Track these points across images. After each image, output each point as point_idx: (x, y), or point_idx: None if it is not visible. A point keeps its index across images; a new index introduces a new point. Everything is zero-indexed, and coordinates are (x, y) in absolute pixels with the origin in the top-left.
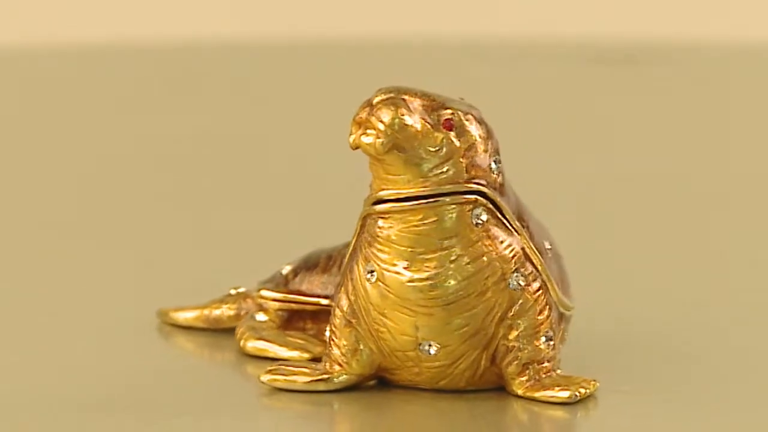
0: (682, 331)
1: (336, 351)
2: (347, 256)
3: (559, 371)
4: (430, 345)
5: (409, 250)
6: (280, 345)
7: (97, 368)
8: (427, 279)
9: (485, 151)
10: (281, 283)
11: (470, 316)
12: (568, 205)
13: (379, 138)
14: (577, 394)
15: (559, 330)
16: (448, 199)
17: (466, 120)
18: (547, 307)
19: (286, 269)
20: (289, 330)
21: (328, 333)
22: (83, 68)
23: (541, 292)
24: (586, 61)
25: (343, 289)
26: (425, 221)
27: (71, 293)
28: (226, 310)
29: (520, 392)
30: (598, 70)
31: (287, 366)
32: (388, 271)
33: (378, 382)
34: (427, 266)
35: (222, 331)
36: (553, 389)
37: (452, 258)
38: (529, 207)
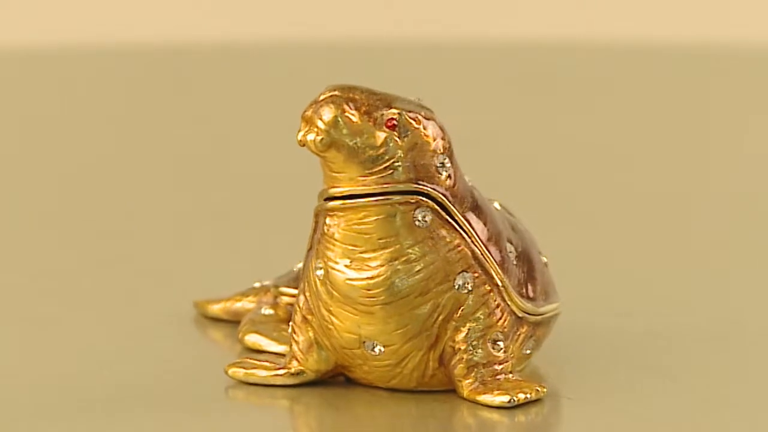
0: (655, 340)
1: (295, 346)
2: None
3: (511, 375)
4: (374, 344)
5: (351, 248)
6: (272, 339)
7: (122, 359)
8: (367, 278)
9: (432, 152)
10: (293, 278)
11: (412, 316)
12: (564, 204)
13: (318, 135)
14: (515, 399)
15: (515, 334)
16: (386, 198)
17: (412, 120)
18: (498, 310)
19: (299, 266)
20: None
21: (290, 329)
22: (88, 69)
23: (491, 295)
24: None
25: (301, 285)
26: (365, 220)
27: (109, 286)
28: (246, 303)
29: (465, 394)
30: (593, 70)
31: (251, 359)
32: (333, 268)
33: (346, 379)
34: (368, 265)
35: None
36: (493, 393)
37: (391, 258)
38: (514, 209)
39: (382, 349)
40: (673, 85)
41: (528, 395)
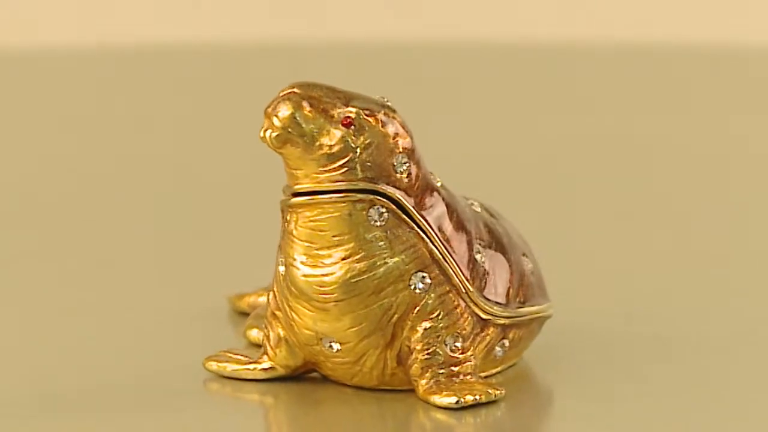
0: (653, 343)
1: (266, 342)
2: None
3: (470, 376)
4: (331, 341)
5: (307, 245)
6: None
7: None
8: (321, 275)
9: (389, 151)
10: None
11: (366, 314)
12: (563, 205)
13: (273, 132)
14: (462, 400)
15: (479, 336)
16: (340, 196)
17: (369, 119)
18: (457, 311)
19: None
20: None
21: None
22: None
23: (449, 296)
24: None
25: (271, 281)
26: (320, 217)
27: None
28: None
29: (419, 394)
30: (588, 70)
31: (227, 353)
32: (291, 265)
33: (323, 376)
34: (322, 262)
35: None
36: (442, 394)
37: (345, 255)
38: (510, 210)
39: (339, 346)
40: (673, 86)
41: (477, 397)
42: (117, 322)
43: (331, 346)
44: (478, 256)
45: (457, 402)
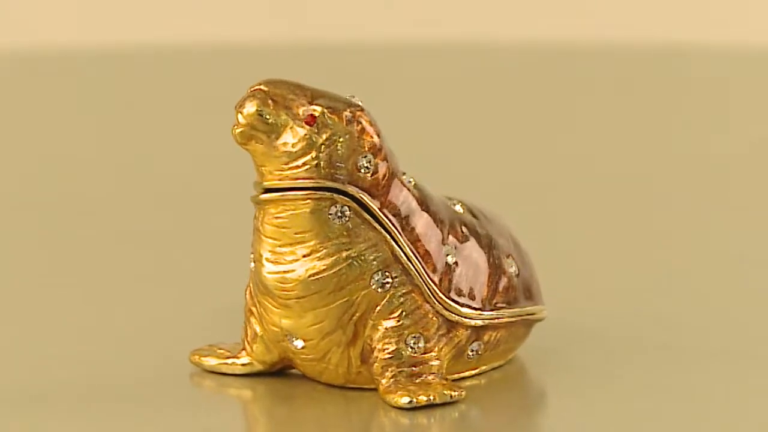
0: (649, 344)
1: (244, 337)
2: None
3: (432, 376)
4: (294, 338)
5: (271, 241)
6: None
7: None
8: (282, 272)
9: (353, 149)
10: None
11: (327, 312)
12: (561, 205)
13: (238, 128)
14: (415, 401)
15: (445, 336)
16: (302, 193)
17: (333, 117)
18: (419, 311)
19: None
20: None
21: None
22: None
23: (411, 295)
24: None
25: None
26: (283, 214)
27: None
28: None
29: (379, 393)
30: (583, 70)
31: (212, 347)
32: (258, 261)
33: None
34: (284, 259)
35: None
36: (396, 393)
37: (306, 252)
38: (504, 210)
39: (303, 343)
40: (671, 86)
41: (431, 398)
42: (117, 318)
43: (296, 343)
44: (448, 258)
45: (409, 402)
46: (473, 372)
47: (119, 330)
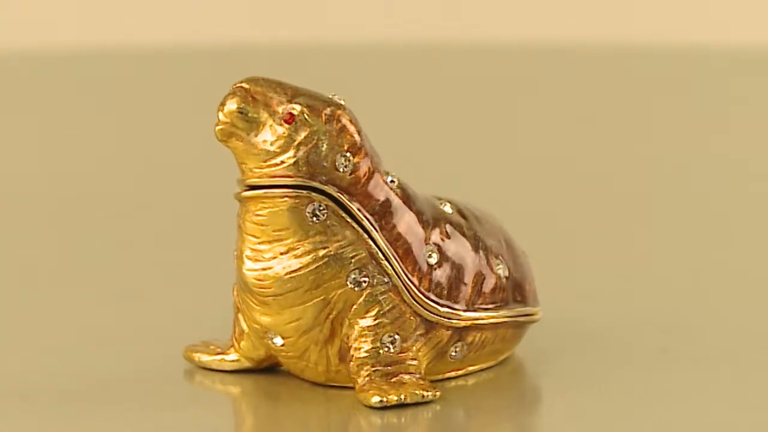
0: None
1: (233, 333)
2: None
3: (408, 376)
4: (274, 336)
5: (251, 238)
6: None
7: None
8: (260, 269)
9: (332, 148)
10: None
11: (303, 310)
12: (560, 205)
13: (218, 126)
14: (385, 400)
15: (424, 337)
16: (280, 191)
17: (312, 115)
18: (395, 311)
19: None
20: None
21: None
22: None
23: (388, 295)
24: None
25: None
26: (261, 212)
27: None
28: None
29: (355, 392)
30: (583, 71)
31: (206, 343)
32: (239, 258)
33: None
34: (263, 256)
35: None
36: (368, 392)
37: (283, 250)
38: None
39: (282, 341)
40: (671, 86)
41: (402, 397)
42: (115, 315)
43: (275, 341)
44: (430, 258)
45: (380, 401)
46: (459, 373)
47: (117, 327)
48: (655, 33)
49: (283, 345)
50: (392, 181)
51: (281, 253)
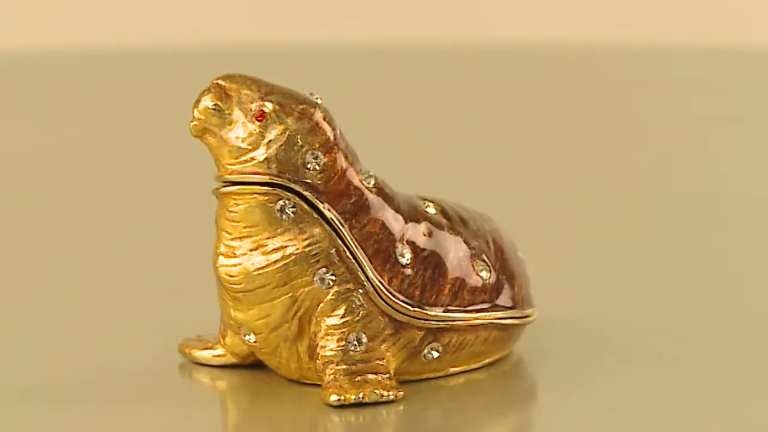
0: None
1: (220, 328)
2: None
3: (374, 375)
4: (246, 332)
5: (225, 234)
6: None
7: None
8: (231, 265)
9: (302, 146)
10: None
11: (272, 306)
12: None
13: (192, 122)
14: (343, 398)
15: (391, 336)
16: (250, 188)
17: (283, 113)
18: (362, 309)
19: None
20: None
21: None
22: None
23: (355, 294)
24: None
25: None
26: (233, 209)
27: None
28: None
29: (321, 390)
30: (583, 71)
31: (199, 338)
32: (214, 254)
33: None
34: (234, 252)
35: None
36: (329, 391)
37: (253, 247)
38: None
39: (254, 337)
40: (670, 86)
41: (360, 396)
42: (112, 312)
43: (248, 337)
44: (402, 258)
45: (338, 400)
46: (439, 374)
47: (114, 323)
48: (655, 33)
49: (255, 342)
50: (368, 180)
51: (250, 250)
